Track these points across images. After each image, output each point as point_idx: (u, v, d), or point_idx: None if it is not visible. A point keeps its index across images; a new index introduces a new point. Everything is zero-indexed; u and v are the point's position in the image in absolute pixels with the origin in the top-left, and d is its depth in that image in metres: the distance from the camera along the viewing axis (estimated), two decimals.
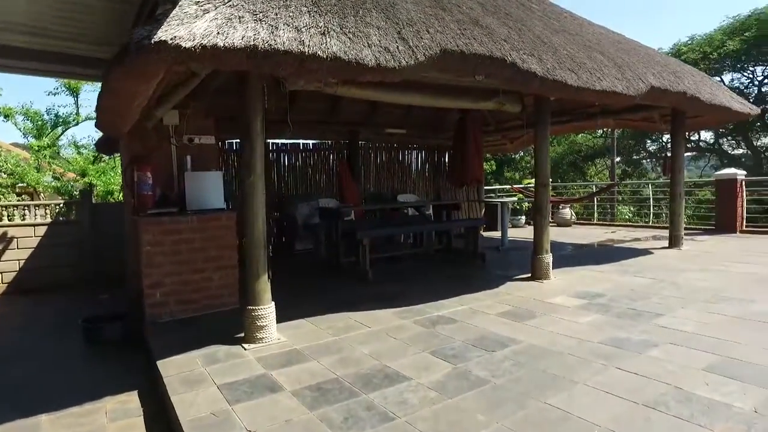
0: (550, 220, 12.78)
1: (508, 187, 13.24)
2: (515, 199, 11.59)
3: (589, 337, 3.67)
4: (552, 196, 12.98)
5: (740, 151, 23.42)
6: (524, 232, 10.62)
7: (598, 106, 8.13)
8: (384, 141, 10.33)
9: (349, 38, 3.51)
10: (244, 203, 3.83)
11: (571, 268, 6.38)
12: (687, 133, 22.99)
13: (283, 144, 9.24)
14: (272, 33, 3.11)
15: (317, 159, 9.62)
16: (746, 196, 9.54)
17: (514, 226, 11.83)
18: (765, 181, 12.12)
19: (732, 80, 21.42)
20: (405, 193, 10.24)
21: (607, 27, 7.45)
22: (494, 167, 31.91)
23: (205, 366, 3.36)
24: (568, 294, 5.03)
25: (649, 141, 25.26)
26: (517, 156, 32.68)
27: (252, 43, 3.00)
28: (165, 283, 4.49)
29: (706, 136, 23.99)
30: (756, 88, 21.07)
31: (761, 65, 20.50)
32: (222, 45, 2.90)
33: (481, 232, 10.78)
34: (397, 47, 3.72)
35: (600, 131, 23.05)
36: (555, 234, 10.35)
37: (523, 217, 12.19)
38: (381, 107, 9.27)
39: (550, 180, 11.79)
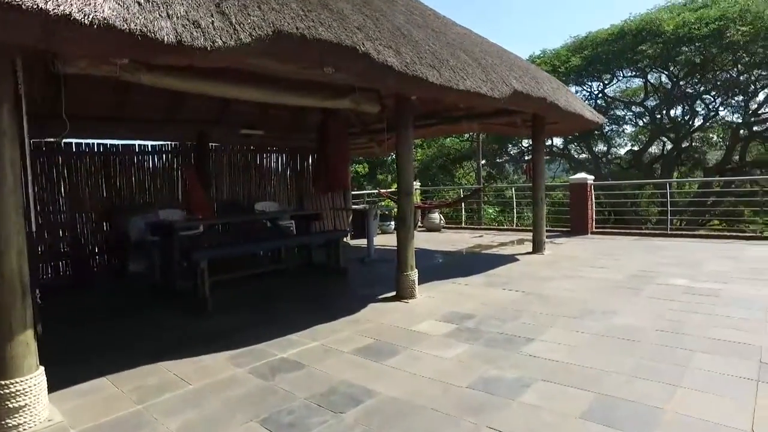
0: (420, 224, 12.77)
1: (375, 191, 12.83)
2: (382, 205, 11.18)
3: (457, 379, 3.10)
4: (421, 201, 12.86)
5: (584, 155, 25.86)
6: (394, 239, 10.20)
7: (464, 109, 7.91)
8: (239, 143, 9.23)
9: (138, 3, 2.54)
10: None
11: (439, 283, 5.94)
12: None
13: (112, 146, 7.73)
14: None
15: (158, 163, 8.24)
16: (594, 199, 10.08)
17: (383, 232, 11.40)
18: (608, 186, 13.14)
19: (575, 93, 23.48)
20: (264, 200, 9.24)
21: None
22: (367, 169, 31.86)
23: None
24: (435, 317, 4.50)
25: (510, 145, 26.88)
26: (389, 158, 33.08)
27: None
28: None
29: (557, 141, 26.15)
30: (593, 101, 23.31)
31: (596, 81, 22.73)
32: None
33: (349, 241, 10.17)
34: (212, 23, 2.84)
35: (467, 135, 23.87)
36: (424, 240, 10.10)
37: (393, 223, 11.80)
38: (234, 105, 8.20)
39: (419, 184, 11.34)
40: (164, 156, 8.30)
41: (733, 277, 5.60)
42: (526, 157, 27.46)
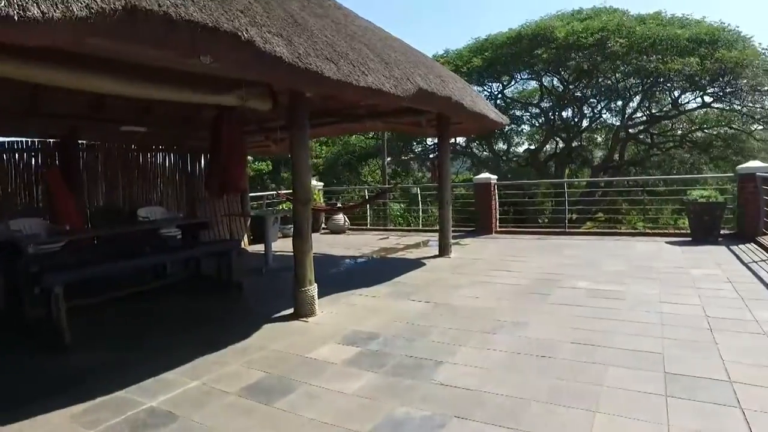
0: (323, 227, 12.27)
1: (274, 193, 12.09)
2: (284, 207, 10.51)
3: (360, 422, 2.67)
4: (324, 202, 12.32)
5: (486, 154, 26.78)
6: None
7: (367, 107, 7.53)
8: (119, 141, 8.14)
9: None
10: None
11: (342, 295, 5.50)
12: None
13: None
14: None
15: (12, 164, 6.97)
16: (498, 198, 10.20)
17: (285, 236, 10.74)
18: (509, 185, 13.51)
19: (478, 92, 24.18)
20: (150, 206, 8.23)
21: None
22: (270, 167, 30.67)
23: None
24: (336, 339, 4.05)
25: (415, 143, 27.14)
26: None
27: None
28: None
29: (460, 140, 26.83)
30: (494, 101, 24.16)
31: (496, 82, 23.57)
32: None
33: (247, 247, 9.43)
34: None
35: (372, 133, 23.69)
36: (328, 244, 9.62)
37: None
38: (110, 98, 7.12)
39: (321, 184, 10.83)
40: (22, 156, 7.05)
41: (628, 277, 5.73)
42: (431, 156, 27.93)
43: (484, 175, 10.22)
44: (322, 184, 12.87)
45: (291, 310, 4.81)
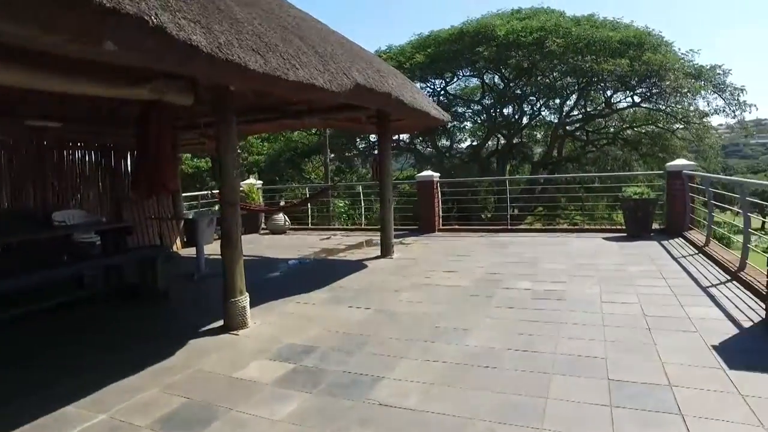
0: (263, 227, 11.80)
1: (208, 192, 11.48)
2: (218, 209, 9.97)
3: None
4: (263, 201, 11.82)
5: (430, 150, 26.92)
6: None
7: (305, 103, 7.19)
8: (30, 137, 7.37)
9: None
10: None
11: (278, 303, 5.17)
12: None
13: None
14: None
15: None
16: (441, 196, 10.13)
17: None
18: (454, 183, 13.52)
19: (420, 89, 24.22)
20: (67, 209, 7.52)
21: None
22: (210, 164, 29.51)
23: None
24: (268, 354, 3.74)
25: (359, 139, 26.87)
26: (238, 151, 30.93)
27: None
28: None
29: (404, 136, 26.81)
30: (437, 98, 24.27)
31: (439, 78, 23.70)
32: None
33: (180, 252, 8.88)
34: None
35: (315, 129, 23.21)
36: (267, 245, 9.21)
37: None
38: (16, 90, 6.40)
39: (260, 183, 10.41)
40: None
41: (570, 276, 5.75)
42: (375, 152, 27.79)
43: (427, 172, 10.11)
44: (261, 182, 12.36)
45: (221, 322, 4.44)
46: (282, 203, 14.53)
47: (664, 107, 19.98)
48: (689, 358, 3.31)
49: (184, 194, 10.43)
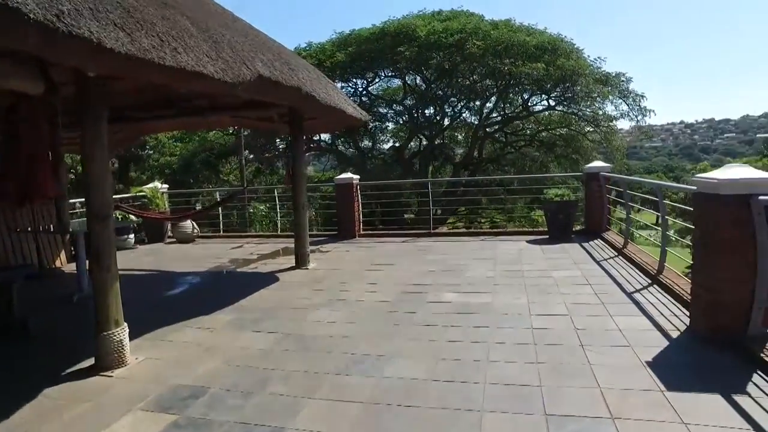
0: (169, 236, 10.71)
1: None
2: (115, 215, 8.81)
3: None
4: (168, 209, 10.65)
5: (352, 151, 26.44)
6: (133, 257, 8.11)
7: (208, 98, 6.41)
8: None
9: None
10: None
11: (171, 329, 4.41)
12: (310, 135, 24.49)
13: None
14: None
15: None
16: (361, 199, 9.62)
17: (120, 249, 9.09)
18: (375, 185, 13.06)
19: (342, 88, 23.70)
20: None
21: None
22: (116, 165, 27.17)
23: None
24: (145, 401, 3.02)
25: (279, 140, 25.83)
26: (147, 151, 28.67)
27: None
28: None
29: (325, 137, 26.13)
30: (358, 98, 23.86)
31: (360, 78, 23.30)
32: None
33: (63, 267, 7.73)
34: None
35: (231, 128, 21.97)
36: (171, 257, 8.27)
37: (133, 236, 9.54)
38: None
39: (166, 187, 9.48)
40: None
41: (495, 284, 5.45)
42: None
43: (346, 175, 9.55)
44: (167, 186, 11.22)
45: (92, 361, 3.63)
46: (198, 207, 13.39)
47: (576, 111, 20.84)
48: (627, 380, 3.03)
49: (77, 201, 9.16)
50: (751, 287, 3.37)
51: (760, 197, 3.23)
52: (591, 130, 21.71)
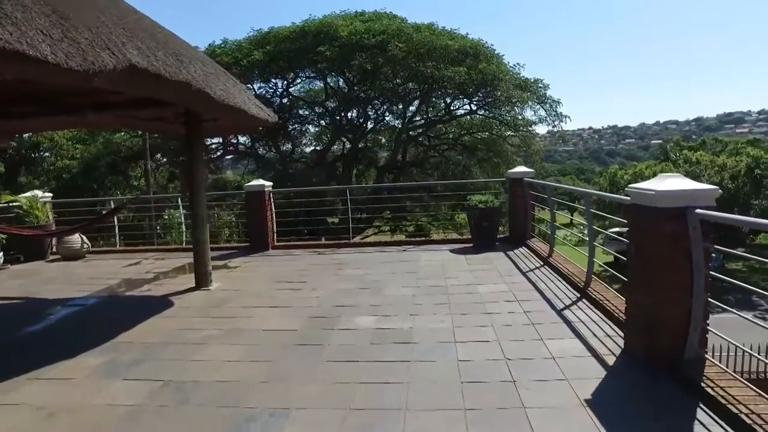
0: (53, 251, 9.32)
1: None
2: None
3: None
4: (52, 221, 9.20)
5: (273, 154, 25.35)
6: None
7: (88, 95, 5.43)
8: None
9: None
10: None
11: (7, 386, 3.47)
12: (228, 137, 23.11)
13: None
14: None
15: None
16: (275, 208, 8.82)
17: None
18: (292, 192, 12.24)
19: (260, 88, 22.65)
20: None
21: None
22: (3, 168, 24.32)
23: None
24: None
25: None
26: (42, 153, 25.79)
27: None
28: None
29: (243, 139, 24.84)
30: (278, 99, 22.90)
31: (280, 79, 22.34)
32: None
33: None
34: None
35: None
36: (48, 278, 7.07)
37: (1, 254, 8.14)
38: None
39: (50, 195, 8.28)
40: None
41: (416, 304, 4.93)
42: (215, 156, 25.28)
43: (257, 181, 8.70)
44: (51, 195, 9.78)
45: None
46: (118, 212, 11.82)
47: (497, 115, 21.16)
48: (565, 426, 2.59)
49: None
50: (687, 307, 3.07)
51: (697, 210, 2.93)
52: (511, 134, 22.16)
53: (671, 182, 3.07)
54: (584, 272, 5.43)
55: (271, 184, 8.68)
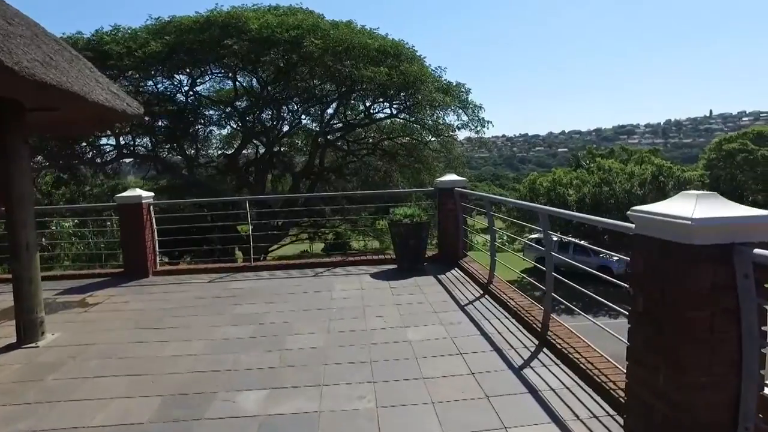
0: None
1: None
2: None
3: None
4: None
5: (178, 157, 22.97)
6: None
7: None
8: None
9: None
10: None
11: None
12: (115, 135, 20.46)
13: None
14: None
15: None
16: (156, 224, 7.10)
17: None
18: (175, 204, 10.41)
19: (165, 88, 20.39)
20: None
21: None
22: None
23: None
24: None
25: (85, 143, 21.25)
26: None
27: None
28: None
29: (145, 141, 22.28)
30: (183, 97, 20.72)
31: (185, 75, 20.17)
32: None
33: None
34: None
35: None
36: None
37: None
38: None
39: None
40: None
41: (325, 365, 3.62)
42: (109, 159, 22.40)
43: (133, 192, 6.90)
44: None
45: None
46: None
47: (419, 120, 20.37)
48: None
49: None
50: (732, 393, 2.04)
51: (754, 250, 1.89)
52: (432, 139, 21.49)
53: (708, 206, 2.01)
54: (534, 305, 4.43)
55: (151, 194, 6.94)
